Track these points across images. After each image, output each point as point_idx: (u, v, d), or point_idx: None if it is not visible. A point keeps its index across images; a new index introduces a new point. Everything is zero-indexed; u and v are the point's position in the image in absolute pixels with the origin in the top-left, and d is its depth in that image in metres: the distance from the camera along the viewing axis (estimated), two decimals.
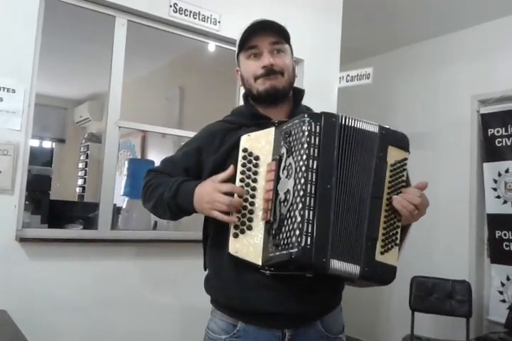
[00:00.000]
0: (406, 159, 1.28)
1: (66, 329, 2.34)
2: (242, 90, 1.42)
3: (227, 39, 2.92)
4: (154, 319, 2.60)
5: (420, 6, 3.65)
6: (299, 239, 1.10)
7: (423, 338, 3.41)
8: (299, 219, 1.12)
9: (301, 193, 1.13)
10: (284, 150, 1.21)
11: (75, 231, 2.54)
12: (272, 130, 1.29)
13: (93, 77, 4.96)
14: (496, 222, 3.61)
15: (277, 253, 1.14)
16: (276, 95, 1.40)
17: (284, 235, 1.14)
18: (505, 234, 3.54)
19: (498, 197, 3.60)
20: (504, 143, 3.58)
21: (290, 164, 1.18)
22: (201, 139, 1.45)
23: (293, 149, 1.19)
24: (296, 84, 1.49)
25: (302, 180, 1.14)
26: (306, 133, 1.17)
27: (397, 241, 1.23)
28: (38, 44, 2.34)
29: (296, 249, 1.10)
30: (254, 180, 1.24)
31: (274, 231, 1.17)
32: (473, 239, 3.74)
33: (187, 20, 2.74)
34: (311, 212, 1.12)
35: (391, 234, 1.22)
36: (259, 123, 1.38)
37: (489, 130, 3.68)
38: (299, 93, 1.50)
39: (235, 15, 2.93)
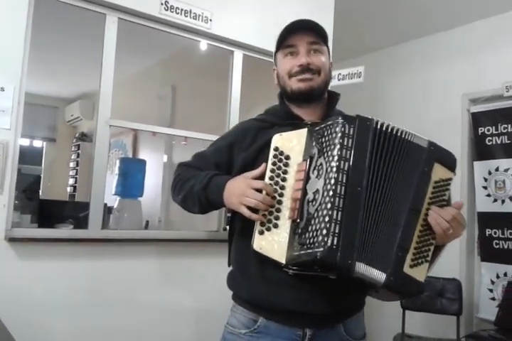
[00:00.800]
0: (451, 179, 1.27)
1: (57, 329, 2.32)
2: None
3: (218, 37, 2.92)
4: (147, 318, 2.59)
5: (411, 5, 3.66)
6: (326, 239, 1.09)
7: (414, 336, 3.43)
8: (326, 218, 1.11)
9: (331, 193, 1.12)
10: (315, 151, 1.22)
11: (65, 231, 2.53)
12: (304, 131, 1.29)
13: (84, 76, 4.92)
14: (486, 220, 3.63)
15: (302, 252, 1.13)
16: (311, 94, 1.40)
17: (311, 234, 1.13)
18: (495, 233, 3.56)
19: (489, 195, 3.62)
20: (494, 142, 3.60)
21: (321, 164, 1.18)
22: (233, 136, 1.47)
23: (325, 150, 1.19)
24: None
25: (332, 181, 1.13)
26: (340, 134, 1.17)
27: (428, 258, 1.21)
28: (28, 42, 2.32)
29: (321, 248, 1.09)
30: (284, 179, 1.25)
31: (300, 230, 1.17)
32: (463, 237, 3.76)
33: (178, 18, 2.73)
34: (339, 213, 1.11)
35: (423, 249, 1.20)
36: (292, 123, 1.39)
37: (480, 128, 3.70)
38: (334, 96, 1.49)
39: (227, 13, 2.92)
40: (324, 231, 1.10)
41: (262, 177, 1.26)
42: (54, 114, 6.73)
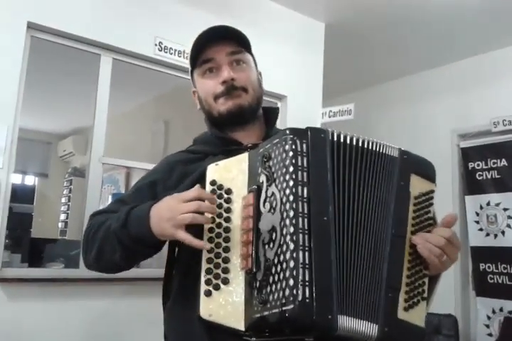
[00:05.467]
0: (433, 191, 1.05)
1: None
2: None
3: None
4: None
5: (400, 43, 3.77)
6: (295, 292, 0.82)
7: None
8: (291, 264, 0.85)
9: (291, 230, 0.87)
10: (263, 178, 0.96)
11: (55, 271, 2.49)
12: (245, 156, 1.04)
13: (77, 112, 4.97)
14: (480, 254, 3.62)
15: (266, 314, 0.86)
16: (242, 114, 1.17)
17: (273, 287, 0.87)
18: (489, 267, 3.55)
19: (481, 229, 3.63)
20: (484, 177, 3.64)
21: (273, 194, 0.93)
22: (157, 172, 1.20)
23: (275, 175, 0.94)
24: (279, 120, 1.33)
25: (291, 213, 0.88)
26: (291, 153, 0.92)
27: (425, 295, 0.97)
28: (23, 82, 2.35)
29: (291, 305, 0.82)
30: (227, 220, 0.98)
31: (258, 284, 0.90)
32: (457, 272, 3.74)
33: (172, 58, 2.79)
34: (306, 254, 0.85)
35: (417, 284, 0.96)
36: (229, 149, 1.14)
37: (470, 163, 3.75)
38: (272, 113, 1.27)
39: None
40: (291, 282, 0.83)
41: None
42: (47, 149, 6.74)
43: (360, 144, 1.01)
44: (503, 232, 3.50)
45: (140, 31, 2.69)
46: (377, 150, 1.02)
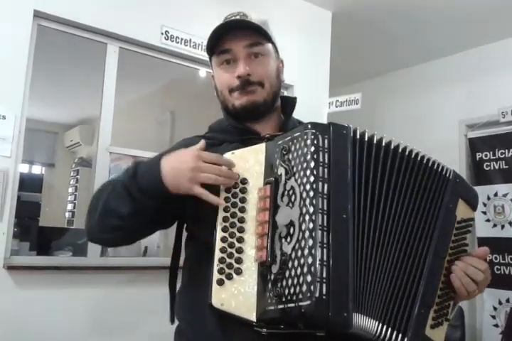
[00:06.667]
0: (473, 219, 1.08)
1: None
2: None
3: None
4: None
5: (407, 32, 3.73)
6: (312, 288, 0.82)
7: None
8: (309, 260, 0.84)
9: (311, 226, 0.87)
10: (282, 171, 0.95)
11: (63, 259, 2.51)
12: (262, 146, 1.02)
13: (84, 102, 4.97)
14: (487, 245, 3.55)
15: (280, 307, 0.86)
16: (257, 110, 1.15)
17: (289, 282, 0.86)
18: (496, 258, 3.54)
19: (488, 220, 3.61)
20: (492, 167, 3.62)
21: (292, 188, 0.92)
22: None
23: (295, 169, 0.93)
24: None
25: (311, 209, 0.88)
26: (313, 148, 0.91)
27: (449, 317, 0.99)
28: (30, 71, 2.36)
29: (308, 301, 0.82)
30: (242, 210, 0.97)
31: (273, 277, 0.90)
32: None
33: (178, 48, 2.78)
34: (324, 251, 0.85)
35: (444, 305, 0.98)
36: (245, 138, 1.13)
37: (477, 154, 3.73)
38: (290, 102, 1.24)
39: None
40: (309, 278, 0.83)
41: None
42: (53, 140, 6.76)
43: (394, 148, 0.99)
44: (510, 223, 3.49)
45: (146, 20, 2.68)
46: (429, 165, 1.03)
